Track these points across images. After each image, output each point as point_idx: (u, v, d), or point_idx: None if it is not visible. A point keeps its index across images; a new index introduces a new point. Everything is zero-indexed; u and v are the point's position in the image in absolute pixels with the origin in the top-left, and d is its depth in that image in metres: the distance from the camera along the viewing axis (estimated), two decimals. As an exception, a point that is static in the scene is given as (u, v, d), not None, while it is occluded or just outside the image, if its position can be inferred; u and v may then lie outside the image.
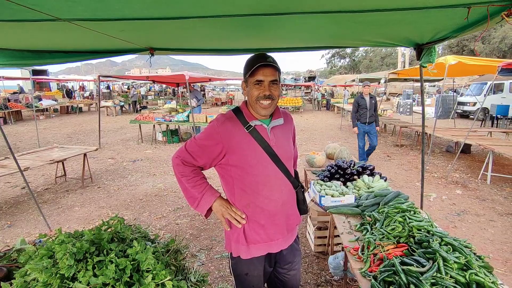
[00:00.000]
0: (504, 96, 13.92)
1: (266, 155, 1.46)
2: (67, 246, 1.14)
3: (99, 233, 1.30)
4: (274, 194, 1.50)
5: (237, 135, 1.44)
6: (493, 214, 4.29)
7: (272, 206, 1.51)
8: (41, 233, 3.69)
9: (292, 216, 1.63)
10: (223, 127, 1.44)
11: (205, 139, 1.46)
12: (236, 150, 1.43)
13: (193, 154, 1.48)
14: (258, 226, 1.51)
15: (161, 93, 32.32)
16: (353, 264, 1.89)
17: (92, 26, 1.40)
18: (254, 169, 1.45)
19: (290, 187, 1.58)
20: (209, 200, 1.50)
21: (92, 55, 2.20)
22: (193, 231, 3.78)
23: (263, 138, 1.46)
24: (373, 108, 6.37)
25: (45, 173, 6.27)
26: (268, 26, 1.66)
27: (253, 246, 1.52)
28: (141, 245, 1.22)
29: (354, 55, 68.99)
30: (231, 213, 1.49)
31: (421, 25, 1.44)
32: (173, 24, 1.59)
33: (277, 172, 1.50)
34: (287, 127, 1.62)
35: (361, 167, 3.40)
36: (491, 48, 39.24)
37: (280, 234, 1.57)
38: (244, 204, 1.50)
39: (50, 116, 16.43)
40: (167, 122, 9.38)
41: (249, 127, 1.45)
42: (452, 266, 1.52)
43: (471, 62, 5.26)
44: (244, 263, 1.56)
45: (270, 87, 1.42)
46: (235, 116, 1.49)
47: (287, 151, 1.56)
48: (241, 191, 1.49)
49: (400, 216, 2.01)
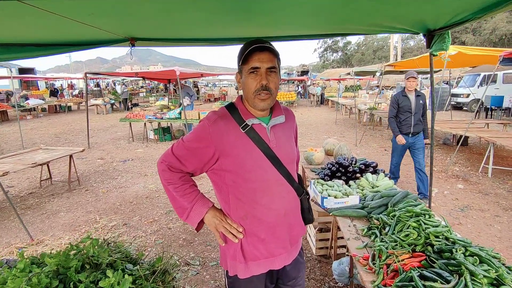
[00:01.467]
0: (498, 87, 13.89)
1: (265, 158, 1.26)
2: (22, 281, 0.91)
3: (66, 259, 1.06)
4: (275, 203, 1.30)
5: (231, 136, 1.24)
6: (498, 209, 4.16)
7: (273, 217, 1.31)
8: (22, 243, 3.45)
9: (296, 227, 1.42)
10: (215, 126, 1.24)
11: (194, 141, 1.26)
12: (230, 153, 1.24)
13: (181, 159, 1.28)
14: (257, 240, 1.31)
15: (153, 90, 31.81)
16: (364, 276, 1.69)
17: (50, 6, 1.14)
18: (252, 175, 1.25)
19: (294, 194, 1.38)
20: (201, 211, 1.30)
21: (64, 48, 1.93)
22: (187, 236, 3.56)
23: (262, 139, 1.26)
24: (421, 111, 4.36)
25: (30, 176, 5.96)
26: (266, 8, 1.43)
27: (252, 263, 1.32)
28: (117, 275, 0.99)
29: (346, 48, 68.99)
30: (226, 226, 1.29)
31: (442, 3, 1.22)
32: (154, 4, 1.34)
33: (278, 178, 1.30)
34: (288, 126, 1.42)
35: (364, 164, 3.21)
36: (482, 40, 39.50)
37: (283, 249, 1.37)
38: (240, 215, 1.30)
39: (37, 116, 15.93)
40: (158, 120, 9.09)
41: (246, 126, 1.25)
42: (482, 281, 1.32)
43: (472, 52, 5.10)
44: (242, 283, 1.35)
45: (268, 76, 1.22)
46: (229, 114, 1.29)
47: (289, 153, 1.36)
48: (237, 200, 1.29)
49: (414, 221, 1.82)
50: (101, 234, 3.61)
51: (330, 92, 22.83)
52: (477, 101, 14.66)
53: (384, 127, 11.48)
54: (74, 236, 3.57)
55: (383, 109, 12.97)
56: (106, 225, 3.85)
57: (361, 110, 12.23)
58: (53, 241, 3.47)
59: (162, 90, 30.73)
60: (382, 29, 1.77)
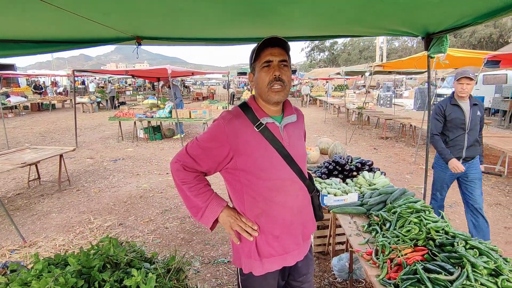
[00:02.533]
0: (478, 88, 14.41)
1: (279, 156, 1.29)
2: (47, 281, 0.91)
3: (87, 259, 1.06)
4: (289, 201, 1.33)
5: (246, 135, 1.26)
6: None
7: (288, 214, 1.34)
8: (14, 245, 3.36)
9: (309, 224, 1.46)
10: (230, 126, 1.26)
11: (209, 141, 1.28)
12: (245, 152, 1.26)
13: (196, 158, 1.29)
14: (272, 238, 1.33)
15: (140, 88, 31.28)
16: (369, 270, 1.75)
17: (70, 6, 1.14)
18: (267, 173, 1.28)
19: (306, 191, 1.41)
20: (216, 210, 1.31)
21: (68, 45, 1.90)
22: (185, 235, 3.56)
23: (276, 138, 1.29)
24: (478, 127, 3.01)
25: (16, 176, 5.77)
26: (275, 10, 1.46)
27: (266, 261, 1.34)
28: (142, 273, 1.00)
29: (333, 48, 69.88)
30: (240, 225, 1.30)
31: (453, 7, 1.29)
32: (162, 5, 1.35)
33: (292, 176, 1.33)
34: (299, 125, 1.46)
35: (360, 163, 3.30)
36: (462, 42, 40.89)
37: (296, 245, 1.40)
38: (255, 213, 1.32)
39: (20, 114, 15.39)
40: (148, 119, 8.97)
41: (260, 125, 1.27)
42: (482, 272, 1.40)
43: (458, 54, 5.29)
44: (257, 280, 1.37)
45: (280, 69, 1.25)
46: (243, 113, 1.30)
47: (300, 151, 1.39)
48: (252, 199, 1.31)
49: (415, 217, 1.89)
50: (97, 234, 3.56)
51: (318, 91, 23.10)
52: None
53: (372, 126, 11.72)
54: (68, 237, 3.50)
55: (370, 108, 13.28)
56: (101, 226, 3.79)
57: (350, 109, 12.45)
58: (47, 242, 3.40)
59: (149, 88, 30.26)
60: (385, 32, 1.83)
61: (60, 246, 3.31)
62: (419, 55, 5.85)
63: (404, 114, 13.74)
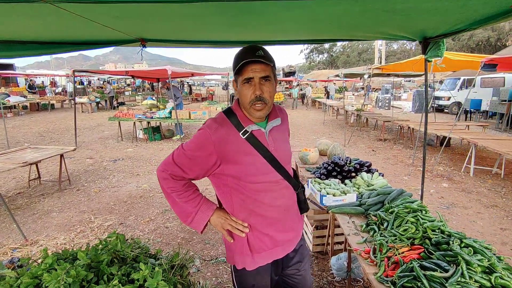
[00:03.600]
0: (476, 91, 14.52)
1: (265, 161, 1.33)
2: (59, 273, 0.95)
3: (96, 254, 1.10)
4: (277, 201, 1.40)
5: (232, 143, 1.29)
6: (480, 206, 4.40)
7: (276, 213, 1.41)
8: (16, 244, 3.38)
9: (296, 219, 1.53)
10: (217, 135, 1.28)
11: (196, 150, 1.30)
12: (232, 159, 1.29)
13: (183, 167, 1.32)
14: (261, 234, 1.41)
15: (139, 88, 31.26)
16: (367, 268, 1.79)
17: (80, 10, 1.18)
18: (254, 178, 1.33)
19: (292, 190, 1.47)
20: (207, 213, 1.37)
21: (73, 46, 1.95)
22: (185, 234, 3.59)
23: (262, 144, 1.32)
24: None
25: (17, 175, 5.79)
26: (275, 15, 1.51)
27: (258, 256, 1.42)
28: (149, 268, 1.04)
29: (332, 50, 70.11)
30: (231, 223, 1.37)
31: (448, 14, 1.34)
32: (166, 9, 1.40)
33: (278, 178, 1.38)
34: (283, 128, 1.50)
35: (358, 164, 3.34)
36: (460, 45, 41.15)
37: (285, 239, 1.47)
38: (245, 214, 1.38)
39: (18, 114, 15.38)
40: (148, 119, 9.00)
41: (245, 132, 1.30)
42: (476, 269, 1.45)
43: (456, 57, 5.36)
44: (250, 275, 1.44)
45: (262, 85, 1.25)
46: (228, 121, 1.32)
47: (286, 154, 1.45)
48: (241, 201, 1.36)
49: (412, 216, 1.94)
50: (98, 233, 3.59)
51: (316, 93, 23.17)
52: (457, 104, 15.29)
53: (370, 128, 11.79)
54: (69, 236, 3.53)
55: (369, 110, 13.35)
56: (101, 225, 3.82)
57: (348, 111, 12.52)
58: (48, 241, 3.42)
59: (148, 89, 30.26)
60: (383, 36, 1.88)
61: (62, 245, 3.34)
62: (417, 58, 5.92)
63: (402, 116, 13.83)
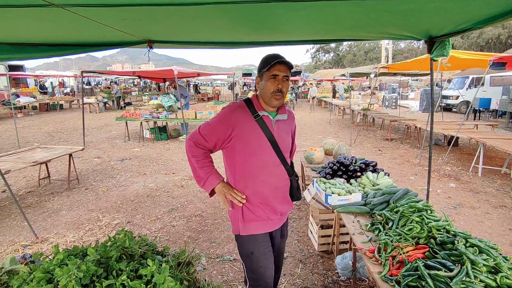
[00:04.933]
0: (485, 89, 14.30)
1: (268, 142, 1.63)
2: (71, 268, 0.98)
3: (105, 250, 1.14)
4: (270, 179, 1.67)
5: (245, 122, 1.60)
6: (488, 206, 4.35)
7: (267, 189, 1.68)
8: (27, 241, 3.46)
9: (284, 201, 1.78)
10: (235, 113, 1.62)
11: (217, 123, 1.63)
12: (242, 134, 1.60)
13: (205, 136, 1.63)
14: (254, 206, 1.67)
15: (145, 88, 31.51)
16: (371, 267, 1.80)
17: (89, 13, 1.22)
18: (256, 153, 1.62)
19: (285, 174, 1.74)
20: (214, 182, 1.65)
21: (82, 48, 1.99)
22: (191, 233, 3.63)
23: (268, 127, 1.63)
24: None
25: (27, 174, 5.91)
26: (281, 16, 1.52)
27: (249, 224, 1.67)
28: (156, 264, 1.07)
29: (338, 49, 69.71)
30: (232, 194, 1.64)
31: (452, 14, 1.34)
32: (174, 12, 1.43)
33: (275, 159, 1.67)
34: (289, 123, 1.80)
35: (364, 164, 3.34)
36: (470, 43, 40.53)
37: (274, 215, 1.73)
38: (242, 186, 1.66)
39: (28, 114, 15.67)
40: (155, 119, 9.08)
41: (257, 116, 1.62)
42: (481, 269, 1.45)
43: (464, 56, 5.30)
44: (246, 241, 1.69)
45: (283, 82, 1.60)
46: (245, 106, 1.66)
47: (286, 143, 1.74)
48: (242, 173, 1.65)
49: (417, 216, 1.94)
50: (106, 232, 3.65)
51: (322, 92, 23.07)
52: (466, 103, 15.07)
53: (377, 127, 11.71)
54: (78, 234, 3.59)
55: (375, 110, 13.26)
56: (109, 223, 3.88)
57: (355, 110, 12.45)
58: (58, 239, 3.49)
59: (154, 89, 30.48)
60: (388, 36, 1.88)
61: (71, 243, 3.41)
62: (423, 57, 5.86)
63: (409, 115, 13.71)
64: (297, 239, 3.48)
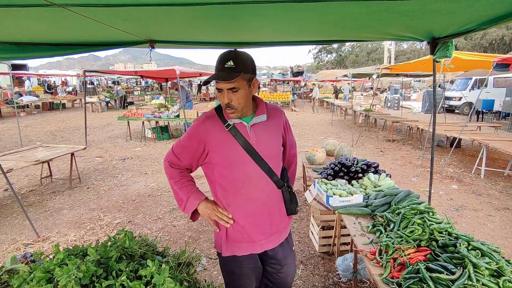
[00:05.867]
0: (488, 91, 14.23)
1: (245, 153, 1.42)
2: (70, 268, 0.98)
3: (105, 250, 1.14)
4: (253, 193, 1.46)
5: (217, 134, 1.43)
6: (491, 209, 4.32)
7: (252, 206, 1.47)
8: (28, 240, 3.47)
9: (276, 217, 1.55)
10: (203, 126, 1.45)
11: (187, 140, 1.48)
12: (216, 148, 1.43)
13: (178, 156, 1.50)
14: (238, 226, 1.48)
15: (148, 88, 31.60)
16: (372, 269, 1.79)
17: (91, 13, 1.22)
18: (234, 167, 1.43)
19: (273, 186, 1.50)
20: (194, 202, 1.50)
21: (84, 48, 1.99)
22: (192, 233, 3.63)
23: (242, 136, 1.42)
24: None
25: (29, 173, 5.94)
26: (283, 16, 1.52)
27: (235, 245, 1.50)
28: (156, 264, 1.07)
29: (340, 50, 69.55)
30: (218, 214, 1.47)
31: (455, 15, 1.33)
32: (176, 12, 1.42)
33: (257, 171, 1.45)
34: (273, 124, 1.53)
35: (366, 165, 3.33)
36: (473, 44, 40.34)
37: (262, 235, 1.51)
38: (225, 203, 1.49)
39: (31, 113, 15.74)
40: (156, 119, 9.10)
41: (228, 125, 1.42)
42: (483, 272, 1.44)
43: (467, 57, 5.27)
44: (228, 261, 1.53)
45: (230, 95, 1.34)
46: (216, 115, 1.46)
47: (270, 149, 1.49)
48: (223, 190, 1.48)
49: (419, 218, 1.93)
50: (107, 231, 3.66)
51: (325, 93, 23.03)
52: (468, 104, 15.00)
53: (379, 128, 11.68)
54: (80, 233, 3.60)
55: (377, 110, 13.21)
56: (110, 223, 3.89)
57: (357, 111, 12.42)
58: (59, 237, 3.50)
59: (157, 89, 30.56)
60: (390, 37, 1.87)
61: (72, 242, 3.42)
62: (425, 58, 5.84)
63: (411, 117, 13.65)
64: (298, 240, 3.47)
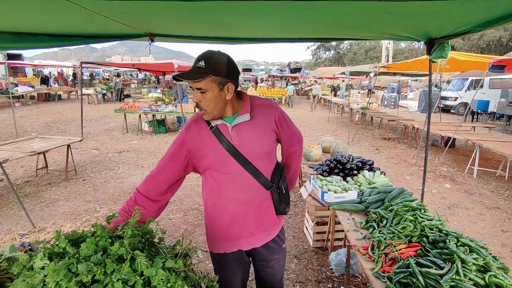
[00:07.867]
0: (484, 92, 14.36)
1: (228, 154, 1.41)
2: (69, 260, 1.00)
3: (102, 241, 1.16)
4: (237, 194, 1.47)
5: (201, 138, 1.44)
6: (482, 207, 4.41)
7: (236, 206, 1.48)
8: (24, 230, 3.48)
9: (263, 216, 1.55)
10: (189, 134, 1.46)
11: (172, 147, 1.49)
12: (202, 152, 1.44)
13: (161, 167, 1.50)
14: (224, 224, 1.51)
15: (145, 81, 31.39)
16: (364, 264, 1.84)
17: (91, 5, 1.22)
18: (217, 169, 1.44)
19: (259, 187, 1.48)
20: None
21: (83, 39, 1.99)
22: (187, 226, 3.66)
23: (225, 137, 1.41)
24: None
25: (25, 164, 5.91)
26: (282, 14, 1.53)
27: (222, 242, 1.55)
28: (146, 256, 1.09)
29: (339, 47, 69.41)
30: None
31: (451, 17, 1.36)
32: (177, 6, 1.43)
33: (241, 172, 1.43)
34: (260, 122, 1.46)
35: (361, 162, 3.37)
36: (470, 45, 40.50)
37: (248, 233, 1.53)
38: (211, 203, 1.52)
39: (26, 104, 15.58)
40: (153, 112, 9.07)
41: (212, 127, 1.43)
42: (471, 268, 1.48)
43: (463, 58, 5.32)
44: (216, 256, 1.59)
45: (199, 96, 1.33)
46: (201, 117, 1.45)
47: (256, 149, 1.44)
48: (210, 190, 1.51)
49: (410, 215, 1.98)
50: (103, 223, 3.67)
51: (322, 90, 23.06)
52: (464, 105, 15.13)
53: (375, 126, 11.76)
54: (75, 225, 3.62)
55: (374, 108, 13.29)
56: (106, 215, 3.89)
57: (353, 109, 12.48)
58: (55, 228, 3.51)
59: (154, 82, 30.36)
60: (388, 36, 1.89)
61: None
62: (422, 58, 5.88)
63: (408, 115, 13.75)
64: (292, 235, 3.52)
